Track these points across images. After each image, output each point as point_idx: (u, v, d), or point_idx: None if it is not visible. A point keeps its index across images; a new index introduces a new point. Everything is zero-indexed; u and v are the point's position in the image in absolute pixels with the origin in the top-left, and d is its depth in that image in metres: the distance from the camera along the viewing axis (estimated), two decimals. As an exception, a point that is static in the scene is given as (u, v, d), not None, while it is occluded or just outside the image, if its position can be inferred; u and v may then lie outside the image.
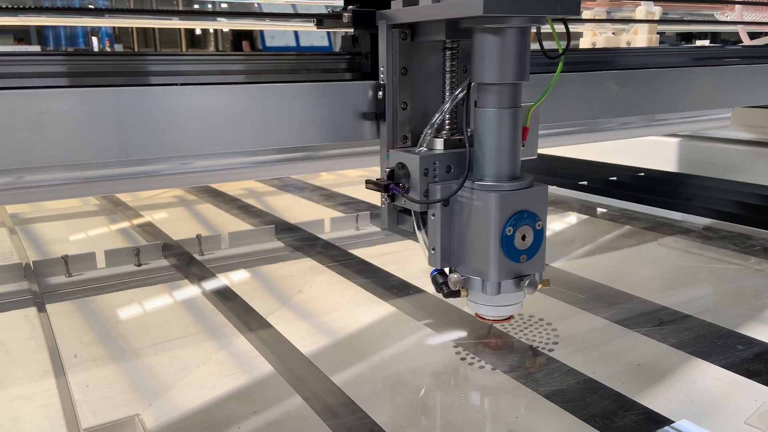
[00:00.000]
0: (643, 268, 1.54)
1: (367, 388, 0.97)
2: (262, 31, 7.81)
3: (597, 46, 2.08)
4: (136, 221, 1.99)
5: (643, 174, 2.20)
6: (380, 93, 0.86)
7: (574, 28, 2.48)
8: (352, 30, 0.89)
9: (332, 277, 1.47)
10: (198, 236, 1.64)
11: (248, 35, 8.09)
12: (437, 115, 0.83)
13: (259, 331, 1.17)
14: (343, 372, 1.01)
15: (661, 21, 1.99)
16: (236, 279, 1.48)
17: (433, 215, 0.81)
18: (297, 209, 2.14)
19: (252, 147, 0.85)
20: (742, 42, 2.03)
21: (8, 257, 1.63)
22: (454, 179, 0.81)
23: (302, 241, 1.71)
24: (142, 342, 1.14)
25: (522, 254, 0.78)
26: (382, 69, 0.85)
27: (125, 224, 2.00)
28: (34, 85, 0.73)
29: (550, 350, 1.06)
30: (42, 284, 1.42)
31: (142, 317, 1.29)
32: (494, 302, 0.81)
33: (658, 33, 1.96)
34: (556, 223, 1.95)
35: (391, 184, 0.82)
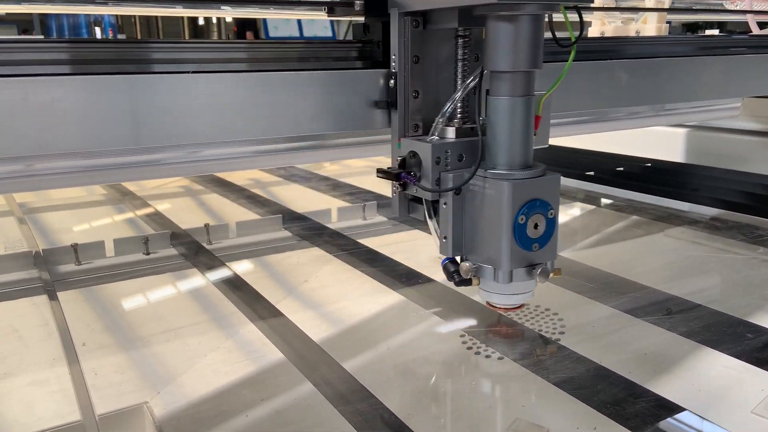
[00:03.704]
0: (650, 259, 1.54)
1: (376, 376, 0.98)
2: (265, 21, 7.77)
3: (606, 35, 2.07)
4: (144, 211, 2.00)
5: (650, 164, 2.20)
6: (392, 81, 0.87)
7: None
8: (362, 18, 0.90)
9: (340, 266, 1.47)
10: (206, 225, 1.65)
11: (252, 25, 8.05)
12: (449, 104, 0.84)
13: (268, 319, 1.17)
14: (352, 360, 1.01)
15: (670, 9, 1.98)
16: (244, 268, 1.48)
17: (445, 204, 0.82)
18: (304, 199, 2.15)
19: (264, 135, 0.86)
20: (750, 31, 2.01)
21: (18, 246, 1.64)
22: (466, 168, 0.82)
23: (309, 231, 1.71)
24: (151, 330, 1.15)
25: (534, 243, 0.79)
26: (393, 57, 0.86)
27: (133, 214, 2.00)
28: (47, 72, 0.73)
29: (557, 339, 1.06)
30: (52, 272, 1.43)
31: (150, 305, 1.29)
32: (506, 290, 0.82)
33: (667, 22, 1.95)
34: (563, 214, 1.94)
35: (403, 172, 0.82)
